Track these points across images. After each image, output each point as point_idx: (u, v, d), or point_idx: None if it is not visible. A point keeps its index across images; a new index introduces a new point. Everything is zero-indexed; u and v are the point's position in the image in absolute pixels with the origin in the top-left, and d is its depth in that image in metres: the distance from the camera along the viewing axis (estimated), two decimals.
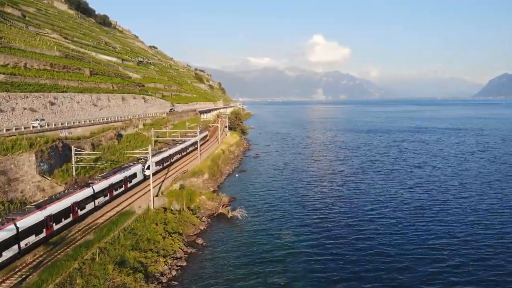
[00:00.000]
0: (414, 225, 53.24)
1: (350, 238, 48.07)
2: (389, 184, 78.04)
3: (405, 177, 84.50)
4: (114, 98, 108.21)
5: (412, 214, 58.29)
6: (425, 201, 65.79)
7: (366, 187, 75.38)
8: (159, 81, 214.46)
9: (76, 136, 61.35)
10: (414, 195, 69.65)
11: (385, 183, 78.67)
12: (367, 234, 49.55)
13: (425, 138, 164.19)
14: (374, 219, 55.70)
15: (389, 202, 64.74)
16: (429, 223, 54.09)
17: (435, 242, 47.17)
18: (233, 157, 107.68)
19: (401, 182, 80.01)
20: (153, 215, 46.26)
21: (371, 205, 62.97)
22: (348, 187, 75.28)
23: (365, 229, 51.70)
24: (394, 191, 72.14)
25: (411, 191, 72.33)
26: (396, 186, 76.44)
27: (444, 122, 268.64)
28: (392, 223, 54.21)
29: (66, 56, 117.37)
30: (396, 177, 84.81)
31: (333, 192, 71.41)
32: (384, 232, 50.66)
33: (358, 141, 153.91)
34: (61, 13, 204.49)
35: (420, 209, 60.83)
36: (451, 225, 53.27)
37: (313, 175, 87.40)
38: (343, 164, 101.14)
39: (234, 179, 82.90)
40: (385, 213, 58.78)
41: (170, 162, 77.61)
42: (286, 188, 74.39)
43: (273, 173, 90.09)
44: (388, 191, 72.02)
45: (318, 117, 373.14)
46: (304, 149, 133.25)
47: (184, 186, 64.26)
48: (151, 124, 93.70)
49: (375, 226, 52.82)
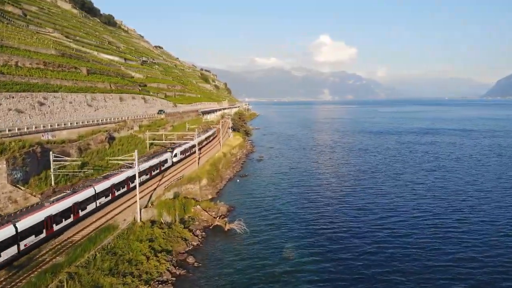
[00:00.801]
0: (430, 238, 47.63)
1: (362, 255, 42.52)
2: (401, 191, 72.20)
3: (418, 183, 78.58)
4: (111, 98, 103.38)
5: (427, 225, 52.69)
6: (440, 209, 60.03)
7: (376, 194, 69.64)
8: (163, 81, 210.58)
9: (61, 139, 56.52)
10: (428, 202, 63.87)
11: (396, 190, 72.87)
12: (380, 249, 43.94)
13: (436, 140, 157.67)
14: (386, 230, 50.07)
15: (402, 212, 58.96)
16: (445, 235, 48.55)
17: (455, 257, 41.70)
18: (235, 160, 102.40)
19: (414, 188, 74.14)
20: (138, 230, 41.02)
21: (382, 214, 57.28)
22: (357, 195, 69.55)
23: (378, 242, 46.15)
24: (406, 199, 66.34)
25: (424, 199, 66.55)
26: (408, 193, 70.61)
27: (454, 123, 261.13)
28: (408, 235, 48.62)
29: (63, 54, 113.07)
30: (408, 183, 78.89)
31: (341, 200, 65.78)
32: (399, 246, 45.12)
33: (366, 143, 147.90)
34: (65, 12, 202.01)
35: (435, 219, 55.18)
36: (471, 238, 47.60)
37: (319, 181, 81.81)
38: (351, 168, 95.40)
39: (235, 184, 77.60)
40: (399, 224, 53.08)
41: (191, 153, 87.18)
42: (290, 196, 68.87)
43: (277, 178, 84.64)
44: (400, 199, 66.23)
45: (324, 118, 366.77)
46: (310, 151, 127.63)
47: (179, 194, 59.08)
48: (148, 126, 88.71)
49: (388, 239, 47.23)
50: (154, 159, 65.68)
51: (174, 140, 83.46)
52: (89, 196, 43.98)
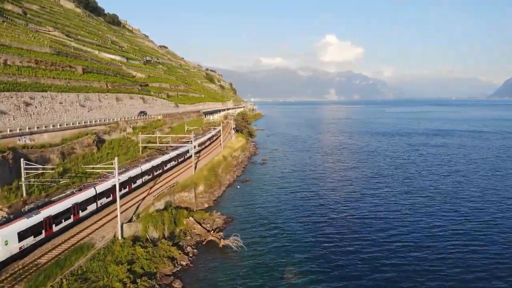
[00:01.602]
0: (450, 253, 42.00)
1: (374, 278, 36.99)
2: (414, 199, 66.27)
3: (430, 190, 72.58)
4: (107, 98, 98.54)
5: (444, 239, 47.07)
6: (457, 220, 54.40)
7: (387, 204, 63.75)
8: (165, 80, 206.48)
9: (40, 143, 51.56)
10: (443, 213, 58.20)
11: (409, 198, 66.98)
12: (393, 270, 38.35)
13: (447, 141, 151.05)
14: (399, 247, 44.40)
15: (416, 224, 53.16)
16: (464, 250, 43.15)
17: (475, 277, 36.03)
18: (236, 163, 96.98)
19: (427, 195, 68.17)
20: (118, 249, 35.76)
21: (393, 227, 51.52)
22: (366, 205, 63.62)
23: (389, 260, 40.61)
24: (420, 209, 60.46)
25: (438, 208, 60.84)
26: (421, 202, 64.65)
27: (464, 123, 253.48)
28: (423, 250, 43.07)
29: (59, 53, 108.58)
30: (419, 190, 72.84)
31: (348, 211, 60.02)
32: (415, 263, 39.61)
33: (374, 145, 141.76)
34: (67, 11, 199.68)
35: (452, 231, 49.59)
36: (490, 253, 41.89)
37: (325, 187, 76.05)
38: (359, 174, 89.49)
39: (235, 191, 72.12)
40: (413, 240, 47.29)
41: (205, 146, 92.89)
42: (293, 205, 63.17)
43: (280, 183, 79.05)
44: (414, 209, 60.37)
45: (330, 118, 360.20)
46: (315, 154, 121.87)
47: (172, 203, 53.86)
48: (143, 127, 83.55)
49: (401, 256, 41.67)
50: (146, 164, 60.56)
51: (170, 143, 77.87)
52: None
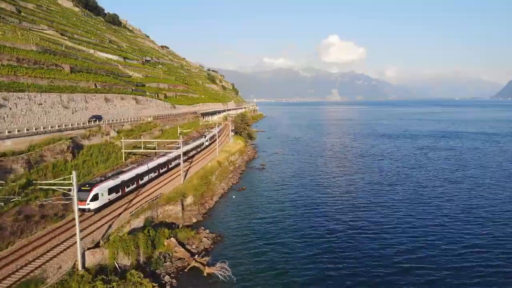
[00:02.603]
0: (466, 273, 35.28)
1: None
2: (425, 211, 59.32)
3: (442, 199, 65.75)
4: (94, 99, 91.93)
5: (460, 255, 40.59)
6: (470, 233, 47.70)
7: (395, 214, 56.85)
8: (164, 80, 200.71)
9: (1, 151, 45.01)
10: (458, 224, 51.55)
11: (419, 208, 60.10)
12: None
13: (456, 144, 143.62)
14: (412, 271, 37.61)
15: (430, 241, 46.39)
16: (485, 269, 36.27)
17: None
18: (233, 169, 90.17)
19: (439, 206, 61.29)
20: (74, 286, 29.06)
21: (402, 243, 44.72)
22: (373, 218, 56.66)
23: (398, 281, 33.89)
24: (432, 221, 53.73)
25: (454, 219, 54.14)
26: (433, 213, 57.84)
27: (471, 125, 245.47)
28: (436, 267, 36.29)
29: (46, 51, 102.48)
30: (432, 199, 65.83)
31: (354, 225, 53.17)
32: None
33: (379, 148, 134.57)
34: (65, 10, 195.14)
35: (467, 246, 42.99)
36: None
37: (328, 197, 69.03)
38: (365, 180, 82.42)
39: (229, 201, 65.19)
40: (428, 259, 40.62)
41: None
42: (293, 218, 56.26)
43: (279, 192, 72.13)
44: (426, 222, 53.50)
45: (333, 119, 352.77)
46: (318, 158, 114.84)
47: (153, 220, 47.15)
48: (130, 131, 76.75)
49: (413, 277, 34.95)
50: (129, 173, 53.65)
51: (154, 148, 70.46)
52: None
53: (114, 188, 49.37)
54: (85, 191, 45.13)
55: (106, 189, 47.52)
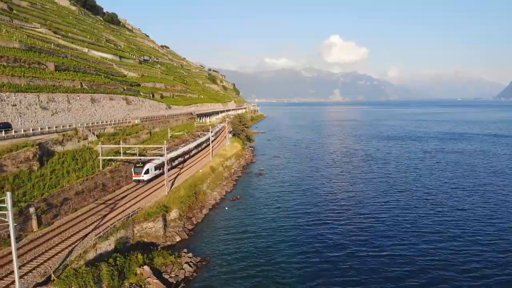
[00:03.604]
0: None
1: None
2: (436, 222, 52.47)
3: (456, 208, 59.01)
4: (79, 99, 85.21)
5: None
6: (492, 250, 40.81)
7: (406, 229, 49.98)
8: (161, 80, 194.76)
9: None
10: (475, 237, 44.73)
11: (430, 220, 53.23)
12: None
13: (464, 147, 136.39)
14: None
15: (441, 260, 39.60)
16: None
17: None
18: (228, 175, 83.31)
19: (452, 216, 54.46)
20: None
21: (417, 261, 37.90)
22: (380, 232, 49.87)
23: None
24: (446, 235, 47.00)
25: (470, 232, 47.25)
26: (446, 225, 51.04)
27: (477, 126, 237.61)
28: None
29: (31, 49, 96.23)
30: (443, 208, 58.95)
31: (359, 240, 46.32)
32: None
33: (384, 151, 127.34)
34: (61, 8, 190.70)
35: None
36: None
37: (331, 207, 61.99)
38: (371, 188, 75.41)
39: (221, 214, 58.25)
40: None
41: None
42: (292, 235, 49.34)
43: (277, 202, 65.16)
44: (438, 237, 46.67)
45: (335, 120, 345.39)
46: (319, 161, 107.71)
47: (129, 240, 40.38)
48: (112, 135, 69.83)
49: None
50: None
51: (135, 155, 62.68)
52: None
53: (157, 166, 64.78)
54: (139, 167, 60.49)
55: (153, 166, 62.93)
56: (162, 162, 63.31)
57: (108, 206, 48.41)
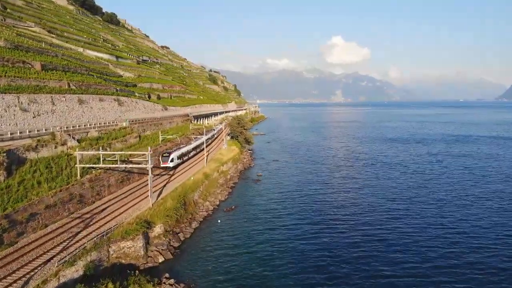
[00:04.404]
0: None
1: None
2: (449, 233, 46.98)
3: (469, 220, 53.27)
4: (64, 100, 79.91)
5: None
6: None
7: (416, 242, 44.49)
8: (159, 81, 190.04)
9: None
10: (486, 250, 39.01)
11: (441, 232, 47.70)
12: None
13: (471, 150, 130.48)
14: None
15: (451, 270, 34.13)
16: None
17: None
18: (223, 181, 77.84)
19: (461, 227, 48.87)
20: None
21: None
22: (386, 247, 44.43)
23: None
24: (455, 250, 41.40)
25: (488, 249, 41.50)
26: (456, 239, 45.46)
27: (483, 128, 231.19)
28: None
29: (17, 47, 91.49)
30: (455, 219, 53.39)
31: (368, 266, 40.87)
32: None
33: (388, 154, 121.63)
34: (58, 8, 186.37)
35: None
36: None
37: (333, 217, 56.44)
38: (376, 196, 69.71)
39: (212, 227, 52.66)
40: None
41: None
42: (291, 254, 43.95)
43: (275, 213, 59.47)
44: (451, 252, 41.18)
45: (337, 121, 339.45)
46: (321, 166, 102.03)
47: (102, 263, 34.99)
48: (97, 139, 64.58)
49: None
50: None
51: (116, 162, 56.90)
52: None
53: (179, 156, 78.52)
54: (166, 156, 73.85)
55: (176, 156, 76.29)
56: (184, 152, 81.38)
57: (83, 221, 42.96)
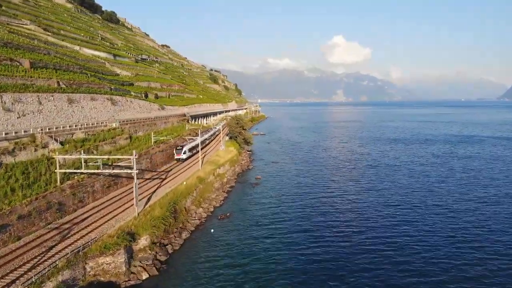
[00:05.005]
0: None
1: None
2: (455, 245, 42.94)
3: (482, 229, 49.21)
4: (53, 100, 76.03)
5: None
6: None
7: (421, 258, 40.48)
8: (157, 79, 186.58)
9: None
10: None
11: (450, 242, 43.68)
12: None
13: (477, 151, 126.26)
14: None
15: None
16: None
17: None
18: (219, 185, 73.82)
19: (471, 236, 44.83)
20: None
21: None
22: (392, 259, 40.36)
23: None
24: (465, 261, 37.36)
25: None
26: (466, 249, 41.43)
27: (487, 128, 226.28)
28: None
29: (6, 44, 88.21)
30: (467, 228, 49.40)
31: (370, 272, 36.85)
32: None
33: (391, 156, 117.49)
34: (56, 6, 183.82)
35: None
36: None
37: (335, 225, 52.49)
38: (380, 202, 65.72)
39: (205, 238, 48.45)
40: None
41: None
42: (288, 265, 40.01)
43: (274, 220, 55.42)
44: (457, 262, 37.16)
45: (338, 121, 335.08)
46: (323, 168, 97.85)
47: (79, 280, 31.05)
48: (83, 141, 60.58)
49: None
50: None
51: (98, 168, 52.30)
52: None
53: (190, 149, 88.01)
54: (179, 149, 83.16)
55: (187, 149, 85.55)
56: (193, 145, 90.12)
57: (61, 232, 39.07)
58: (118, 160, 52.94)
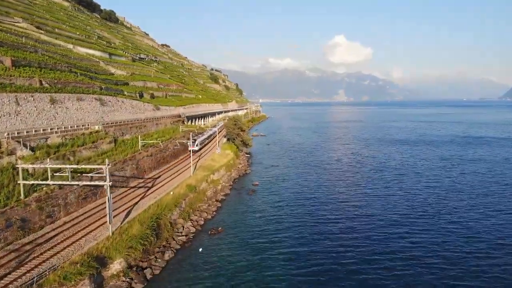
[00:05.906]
0: None
1: None
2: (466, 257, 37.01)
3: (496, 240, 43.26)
4: (33, 100, 70.26)
5: None
6: None
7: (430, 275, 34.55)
8: (154, 79, 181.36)
9: None
10: None
11: (459, 251, 37.75)
12: None
13: (485, 153, 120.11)
14: None
15: None
16: None
17: None
18: (212, 193, 67.82)
19: (482, 247, 38.93)
20: None
21: None
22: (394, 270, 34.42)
23: None
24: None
25: None
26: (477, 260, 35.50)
27: (491, 128, 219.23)
28: None
29: None
30: (479, 238, 43.40)
31: None
32: None
33: (397, 158, 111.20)
34: (51, 4, 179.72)
35: None
36: None
37: (339, 239, 46.59)
38: (386, 209, 59.81)
39: (191, 258, 42.27)
40: None
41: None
42: None
43: (269, 234, 49.49)
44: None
45: (340, 121, 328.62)
46: (324, 172, 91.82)
47: None
48: (58, 146, 54.81)
49: None
50: None
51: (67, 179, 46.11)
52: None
53: (202, 141, 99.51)
54: (194, 141, 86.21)
55: (199, 141, 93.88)
56: (203, 139, 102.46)
57: (20, 255, 33.27)
58: (91, 170, 46.75)
